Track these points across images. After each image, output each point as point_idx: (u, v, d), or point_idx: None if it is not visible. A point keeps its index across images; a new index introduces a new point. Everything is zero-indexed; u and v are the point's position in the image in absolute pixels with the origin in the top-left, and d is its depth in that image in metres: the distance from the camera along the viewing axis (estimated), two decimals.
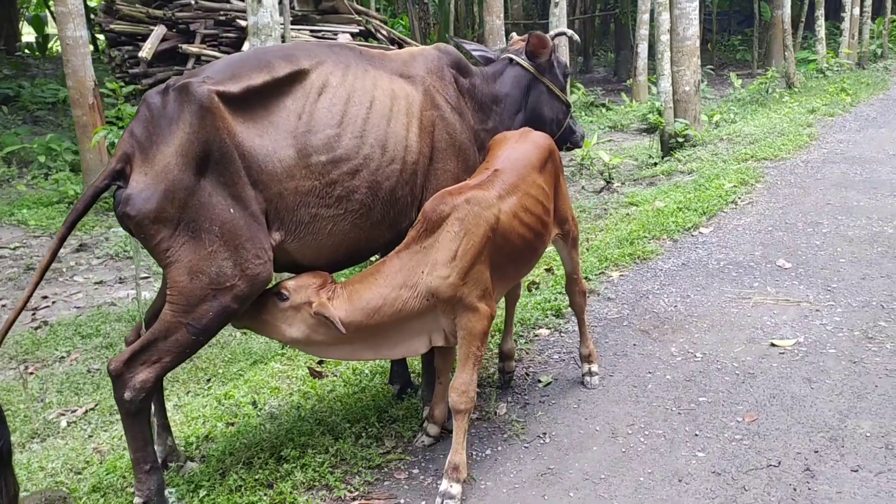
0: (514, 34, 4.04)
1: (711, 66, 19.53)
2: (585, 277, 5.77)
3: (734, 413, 3.90)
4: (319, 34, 13.37)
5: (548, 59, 3.98)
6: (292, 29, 12.26)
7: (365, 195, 3.31)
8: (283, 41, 7.15)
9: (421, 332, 3.32)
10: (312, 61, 3.28)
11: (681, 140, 10.43)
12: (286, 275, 3.45)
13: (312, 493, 3.37)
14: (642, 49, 15.68)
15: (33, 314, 6.93)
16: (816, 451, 3.53)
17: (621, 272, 5.98)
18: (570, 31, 4.39)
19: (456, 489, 3.24)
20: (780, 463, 3.46)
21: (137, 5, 13.15)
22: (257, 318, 3.25)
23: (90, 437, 4.39)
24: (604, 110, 15.48)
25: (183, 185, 2.97)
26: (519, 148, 3.60)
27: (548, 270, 6.05)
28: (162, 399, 3.58)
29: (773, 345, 4.60)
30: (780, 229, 6.78)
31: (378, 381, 4.36)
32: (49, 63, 20.01)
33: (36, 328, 6.52)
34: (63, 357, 5.83)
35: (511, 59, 3.97)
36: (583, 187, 9.42)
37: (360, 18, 14.39)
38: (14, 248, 8.77)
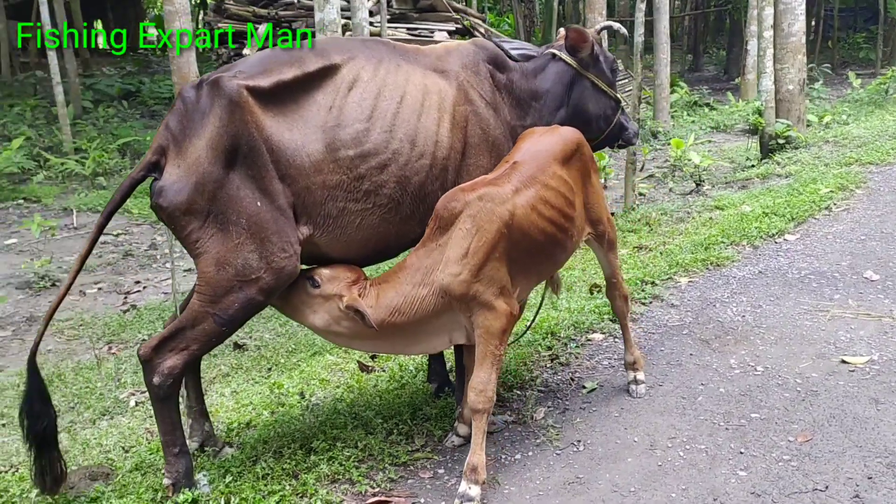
0: (561, 29, 3.91)
1: (829, 65, 18.45)
2: (651, 282, 5.57)
3: (787, 432, 3.66)
4: (416, 32, 13.52)
5: (590, 54, 3.83)
6: (389, 27, 12.45)
7: (393, 190, 3.29)
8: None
9: (440, 329, 3.28)
10: (344, 56, 3.29)
11: (781, 142, 9.89)
12: None
13: (335, 487, 3.38)
14: (752, 46, 15.01)
15: (125, 298, 7.33)
16: (870, 477, 3.26)
17: (690, 278, 5.72)
18: (616, 25, 4.21)
19: (475, 491, 3.18)
20: (827, 487, 3.22)
21: (249, 6, 13.69)
22: (283, 297, 3.29)
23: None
24: (707, 110, 14.94)
25: (212, 178, 3.04)
26: (542, 140, 3.50)
27: None
28: (199, 386, 3.68)
29: (843, 361, 4.28)
30: (873, 238, 6.32)
31: (420, 379, 4.34)
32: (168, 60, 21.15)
33: (125, 311, 6.89)
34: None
35: (553, 55, 3.85)
36: (670, 189, 9.10)
37: (459, 16, 14.44)
38: (116, 235, 9.30)
